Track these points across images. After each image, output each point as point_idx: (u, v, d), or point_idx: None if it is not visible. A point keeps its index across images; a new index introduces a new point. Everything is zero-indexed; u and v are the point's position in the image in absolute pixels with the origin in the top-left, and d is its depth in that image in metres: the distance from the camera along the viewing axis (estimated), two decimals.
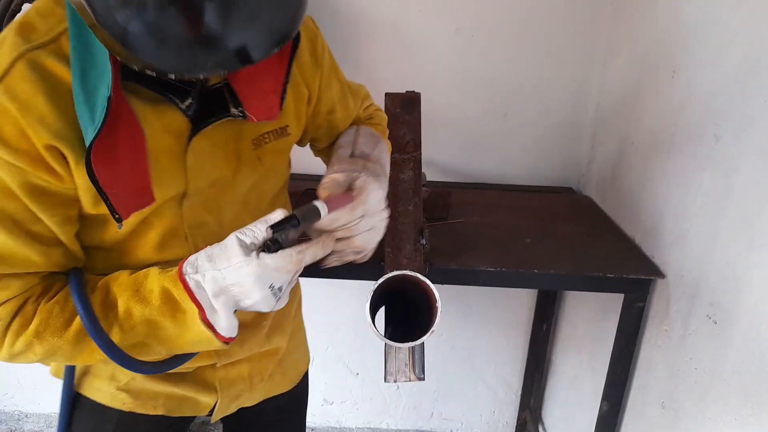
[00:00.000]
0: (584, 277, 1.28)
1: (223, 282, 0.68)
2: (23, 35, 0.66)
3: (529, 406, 2.16)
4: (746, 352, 1.00)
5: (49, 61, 0.66)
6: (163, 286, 0.70)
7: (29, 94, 0.64)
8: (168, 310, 0.70)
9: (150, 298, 0.70)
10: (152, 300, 0.70)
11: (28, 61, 0.65)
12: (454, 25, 1.68)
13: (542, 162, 1.84)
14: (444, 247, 1.32)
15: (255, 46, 0.60)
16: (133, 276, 0.73)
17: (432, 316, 0.82)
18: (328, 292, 1.99)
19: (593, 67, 1.72)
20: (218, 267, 0.68)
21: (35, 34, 0.67)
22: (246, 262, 0.67)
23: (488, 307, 2.04)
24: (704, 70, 1.18)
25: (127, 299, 0.71)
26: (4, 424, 2.21)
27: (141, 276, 0.73)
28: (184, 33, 0.56)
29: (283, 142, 0.87)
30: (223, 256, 0.68)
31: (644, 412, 1.36)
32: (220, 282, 0.68)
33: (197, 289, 0.69)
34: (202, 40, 0.57)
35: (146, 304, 0.71)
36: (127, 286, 0.72)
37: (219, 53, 0.59)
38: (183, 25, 0.56)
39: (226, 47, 0.59)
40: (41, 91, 0.65)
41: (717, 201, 1.10)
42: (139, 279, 0.73)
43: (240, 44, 0.59)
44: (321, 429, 2.25)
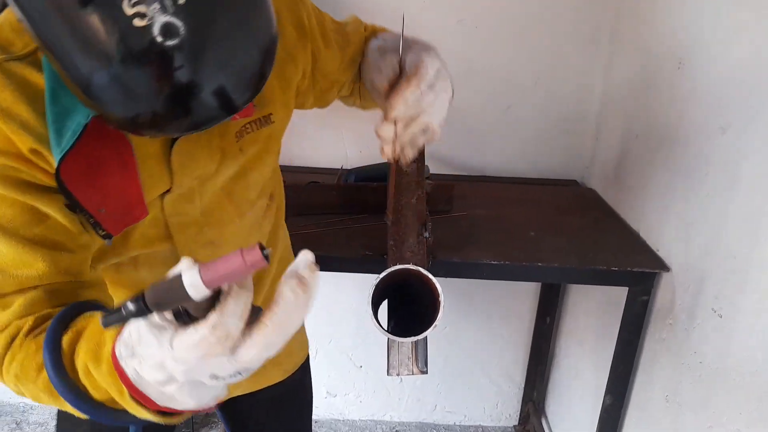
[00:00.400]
0: (588, 270, 1.27)
1: (161, 373, 0.50)
2: (0, 48, 0.65)
3: (532, 399, 2.16)
4: (751, 345, 1.00)
5: (28, 71, 0.65)
6: (110, 350, 0.55)
7: (9, 102, 0.63)
8: (113, 383, 0.55)
9: (101, 359, 0.56)
10: (102, 366, 0.55)
11: (6, 72, 0.64)
12: (456, 17, 1.67)
13: (546, 155, 1.83)
14: (447, 240, 1.32)
15: (235, 93, 0.57)
16: (97, 330, 0.59)
17: (435, 310, 0.82)
18: (331, 285, 1.99)
19: (597, 58, 1.70)
20: (147, 355, 0.50)
21: (13, 47, 0.65)
22: (161, 353, 0.48)
23: (491, 300, 2.04)
24: (710, 62, 1.16)
25: (85, 354, 0.57)
26: (10, 416, 2.22)
27: (107, 336, 0.57)
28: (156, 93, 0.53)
29: (266, 131, 0.86)
30: (144, 338, 0.49)
31: (648, 406, 1.36)
32: (159, 374, 0.50)
33: (139, 380, 0.52)
34: (177, 101, 0.54)
35: (97, 366, 0.56)
36: (91, 335, 0.58)
37: (198, 109, 0.55)
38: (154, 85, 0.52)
39: (204, 103, 0.55)
40: (21, 99, 0.64)
41: (723, 194, 1.10)
42: (102, 331, 0.57)
43: (216, 97, 0.55)
44: (324, 421, 2.26)
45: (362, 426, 2.25)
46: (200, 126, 0.58)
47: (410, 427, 2.26)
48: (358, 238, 1.33)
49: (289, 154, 1.84)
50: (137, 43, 0.50)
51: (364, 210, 1.44)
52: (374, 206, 1.43)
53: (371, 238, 1.32)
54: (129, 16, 0.49)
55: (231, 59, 0.55)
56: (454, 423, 2.27)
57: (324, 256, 1.27)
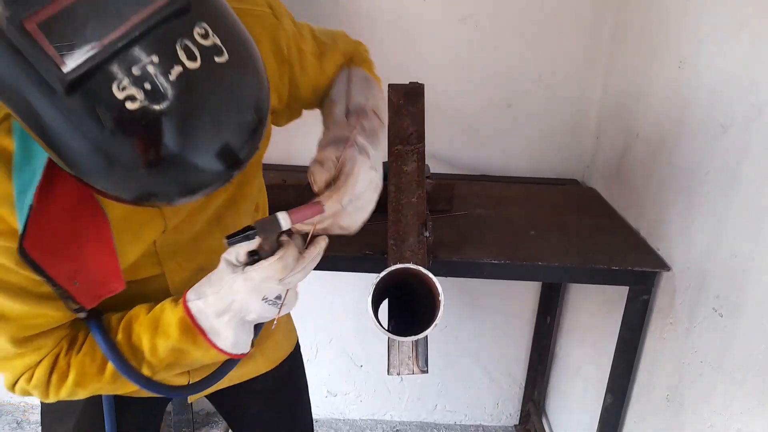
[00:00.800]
0: (589, 269, 1.27)
1: (223, 302, 0.71)
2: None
3: (533, 398, 2.16)
4: (752, 345, 0.99)
5: (6, 141, 0.62)
6: (178, 317, 0.74)
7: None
8: (188, 338, 0.74)
9: (169, 331, 0.74)
10: (172, 332, 0.74)
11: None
12: (458, 15, 1.67)
13: (547, 153, 1.83)
14: (448, 239, 1.32)
15: (236, 152, 0.56)
16: (151, 314, 0.76)
17: (435, 309, 0.81)
18: (331, 284, 1.99)
19: (599, 57, 1.70)
20: (216, 289, 0.71)
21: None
22: (233, 279, 0.69)
23: (492, 299, 2.04)
24: (711, 60, 1.16)
25: (150, 337, 0.75)
26: (10, 416, 2.22)
27: (158, 312, 0.76)
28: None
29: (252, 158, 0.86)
30: (217, 277, 0.71)
31: (649, 405, 1.36)
32: (220, 303, 0.71)
33: (199, 314, 0.73)
34: (180, 167, 0.53)
35: (168, 337, 0.74)
36: (147, 325, 0.75)
37: (203, 175, 0.55)
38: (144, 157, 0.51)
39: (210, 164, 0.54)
40: (4, 176, 0.62)
41: (723, 193, 1.09)
42: (156, 315, 0.76)
43: (220, 160, 0.54)
44: (325, 421, 2.26)
45: (363, 425, 2.25)
46: (206, 190, 0.57)
47: (411, 426, 2.26)
48: (359, 237, 1.31)
49: (289, 153, 1.83)
50: (135, 128, 0.49)
51: None
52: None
53: (371, 237, 1.32)
54: (120, 99, 0.48)
55: (224, 126, 0.54)
56: (455, 422, 2.27)
57: (324, 255, 1.26)
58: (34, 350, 0.73)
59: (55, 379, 0.74)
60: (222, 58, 0.51)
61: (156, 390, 0.79)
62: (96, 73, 0.47)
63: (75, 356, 0.75)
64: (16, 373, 0.74)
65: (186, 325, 0.74)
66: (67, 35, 0.46)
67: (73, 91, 0.47)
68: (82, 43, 0.46)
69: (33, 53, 0.46)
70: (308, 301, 2.07)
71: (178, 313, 0.74)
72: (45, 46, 0.46)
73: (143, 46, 0.48)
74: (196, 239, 0.86)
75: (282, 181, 1.53)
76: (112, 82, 0.47)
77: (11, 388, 0.76)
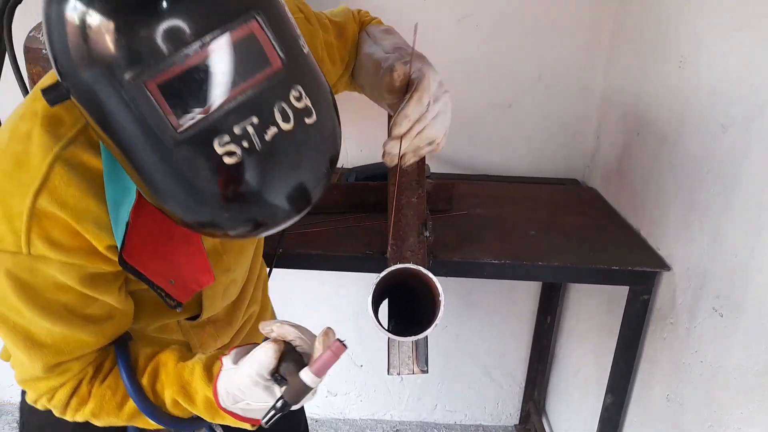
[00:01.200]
0: (589, 269, 1.27)
1: (250, 407, 0.74)
2: (51, 131, 0.63)
3: (533, 398, 2.16)
4: (753, 345, 0.99)
5: (86, 157, 0.65)
6: (206, 396, 0.75)
7: (77, 198, 0.63)
8: (210, 414, 0.77)
9: (195, 399, 0.76)
10: (198, 403, 0.76)
11: (66, 163, 0.63)
12: (457, 16, 1.67)
13: (547, 153, 1.83)
14: (448, 239, 1.32)
15: (311, 192, 0.60)
16: (178, 371, 0.77)
17: (435, 309, 0.81)
18: (331, 283, 1.99)
19: (598, 57, 1.70)
20: (246, 399, 0.72)
21: (63, 127, 0.64)
22: (263, 395, 0.71)
23: (492, 299, 2.04)
24: (711, 60, 1.16)
25: (174, 393, 0.76)
26: (11, 416, 2.22)
27: (186, 372, 0.77)
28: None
29: None
30: (250, 392, 0.72)
31: (649, 405, 1.36)
32: (249, 409, 0.74)
33: (246, 413, 0.75)
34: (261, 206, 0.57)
35: (191, 403, 0.76)
36: (174, 381, 0.77)
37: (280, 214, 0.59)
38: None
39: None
40: (88, 192, 0.64)
41: (724, 192, 1.09)
42: (184, 375, 0.77)
43: (294, 201, 0.59)
44: (325, 421, 2.26)
45: (363, 425, 2.25)
46: (276, 228, 0.61)
47: (411, 426, 2.26)
48: (359, 237, 1.33)
49: None
50: (228, 179, 0.54)
51: (365, 209, 1.44)
52: (375, 205, 1.43)
53: (372, 237, 1.32)
54: (220, 155, 0.52)
55: (304, 176, 0.58)
56: (455, 422, 2.27)
57: (325, 255, 1.27)
58: (59, 374, 0.74)
59: (74, 403, 0.76)
60: (311, 119, 0.56)
61: (182, 427, 0.81)
62: (203, 131, 0.52)
63: (98, 386, 0.77)
64: (39, 392, 0.76)
65: (211, 405, 0.75)
66: (182, 97, 0.51)
67: (180, 145, 0.52)
68: (195, 105, 0.51)
69: (151, 111, 0.51)
70: (308, 301, 2.07)
71: (208, 392, 0.75)
72: (163, 107, 0.50)
73: (246, 108, 0.52)
74: (225, 242, 0.88)
75: None
76: (215, 138, 0.52)
77: (34, 403, 0.78)
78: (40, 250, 0.63)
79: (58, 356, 0.72)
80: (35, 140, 0.63)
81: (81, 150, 0.64)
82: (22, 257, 0.63)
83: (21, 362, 0.73)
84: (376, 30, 1.01)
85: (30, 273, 0.65)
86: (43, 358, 0.71)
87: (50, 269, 0.65)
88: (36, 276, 0.65)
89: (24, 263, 0.64)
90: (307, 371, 0.68)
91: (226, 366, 0.73)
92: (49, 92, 0.54)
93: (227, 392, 0.72)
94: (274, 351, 0.69)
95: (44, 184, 0.62)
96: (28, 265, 0.64)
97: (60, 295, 0.68)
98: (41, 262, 0.64)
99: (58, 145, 0.63)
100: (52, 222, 0.63)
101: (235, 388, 0.71)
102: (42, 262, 0.64)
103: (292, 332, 0.71)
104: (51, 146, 0.63)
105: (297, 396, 0.68)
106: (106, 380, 0.77)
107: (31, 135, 0.64)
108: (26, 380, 0.75)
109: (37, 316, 0.68)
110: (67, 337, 0.71)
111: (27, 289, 0.66)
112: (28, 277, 0.65)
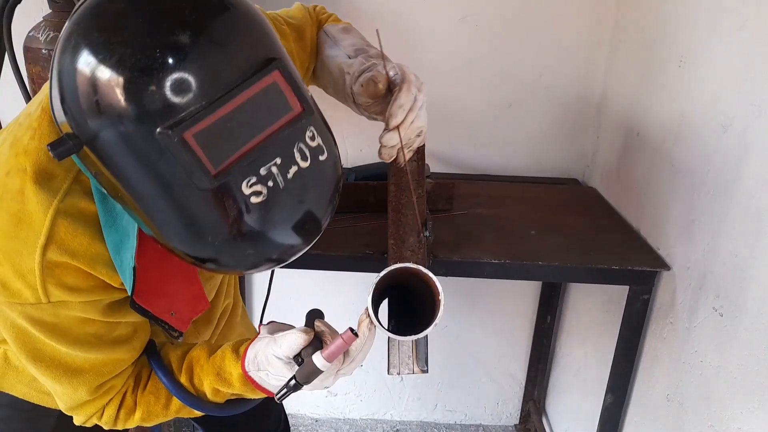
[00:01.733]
0: (589, 269, 1.27)
1: (279, 379, 0.78)
2: (46, 186, 0.64)
3: (533, 397, 2.16)
4: (753, 345, 0.99)
5: (83, 204, 0.66)
6: (239, 373, 0.80)
7: (86, 245, 0.65)
8: (247, 389, 0.81)
9: (231, 380, 0.80)
10: (233, 382, 0.80)
11: (67, 214, 0.65)
12: (458, 15, 1.67)
13: (547, 153, 1.83)
14: (448, 239, 1.32)
15: (321, 220, 0.66)
16: (211, 359, 0.82)
17: (435, 308, 0.81)
18: (331, 284, 1.99)
19: (599, 57, 1.70)
20: (272, 373, 0.77)
21: (56, 180, 0.65)
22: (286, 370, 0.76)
23: (492, 299, 2.04)
24: (712, 60, 1.16)
25: (212, 382, 0.81)
26: None
27: (218, 359, 0.81)
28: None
29: None
30: (274, 365, 0.76)
31: (649, 405, 1.36)
32: (277, 380, 0.78)
33: (260, 381, 0.79)
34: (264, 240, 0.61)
35: (229, 386, 0.81)
36: (209, 370, 0.81)
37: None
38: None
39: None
40: (94, 238, 0.66)
41: (724, 192, 1.09)
42: (216, 362, 0.81)
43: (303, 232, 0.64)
44: (325, 420, 2.26)
45: (363, 425, 2.25)
46: (293, 257, 0.66)
47: (411, 425, 2.26)
48: (359, 236, 1.33)
49: None
50: (252, 217, 0.57)
51: (365, 209, 1.44)
52: (375, 205, 1.43)
53: (372, 237, 1.32)
54: (247, 195, 0.56)
55: (317, 207, 0.63)
56: (455, 422, 2.27)
57: (325, 254, 1.27)
58: (105, 393, 0.78)
59: (123, 415, 0.81)
60: (323, 156, 0.62)
61: (229, 411, 0.86)
62: (235, 174, 0.55)
63: (141, 394, 0.82)
64: (88, 415, 0.79)
65: (245, 380, 0.80)
66: (217, 145, 0.54)
67: (212, 190, 0.55)
68: (229, 152, 0.54)
69: (187, 158, 0.53)
70: (308, 301, 2.07)
71: (239, 369, 0.79)
72: (200, 155, 0.53)
73: (272, 150, 0.56)
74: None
75: None
76: (243, 181, 0.55)
77: (83, 424, 0.81)
78: (59, 296, 0.66)
79: (99, 378, 0.75)
80: (31, 197, 0.64)
81: (77, 199, 0.66)
82: (44, 306, 0.66)
83: (65, 393, 0.76)
84: (334, 30, 1.02)
85: (54, 317, 0.68)
86: (86, 383, 0.75)
87: (72, 311, 0.68)
88: (60, 318, 0.68)
89: (47, 311, 0.67)
90: (318, 355, 0.73)
91: (262, 334, 0.79)
92: (57, 147, 0.55)
93: (255, 357, 0.77)
94: (302, 338, 0.73)
95: (50, 239, 0.64)
96: (51, 312, 0.67)
97: (87, 327, 0.71)
98: (62, 307, 0.67)
99: (57, 199, 0.64)
100: (64, 270, 0.65)
101: (263, 355, 0.76)
102: (63, 306, 0.67)
103: (326, 329, 0.78)
104: (50, 201, 0.64)
105: (307, 377, 0.73)
106: (147, 387, 0.82)
107: (24, 192, 0.64)
108: (74, 407, 0.78)
109: (70, 349, 0.71)
110: (103, 360, 0.75)
111: (55, 330, 0.69)
112: (54, 320, 0.68)
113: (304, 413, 2.27)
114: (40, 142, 0.65)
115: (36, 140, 0.65)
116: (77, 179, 0.66)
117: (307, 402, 2.25)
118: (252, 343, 0.79)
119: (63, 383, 0.74)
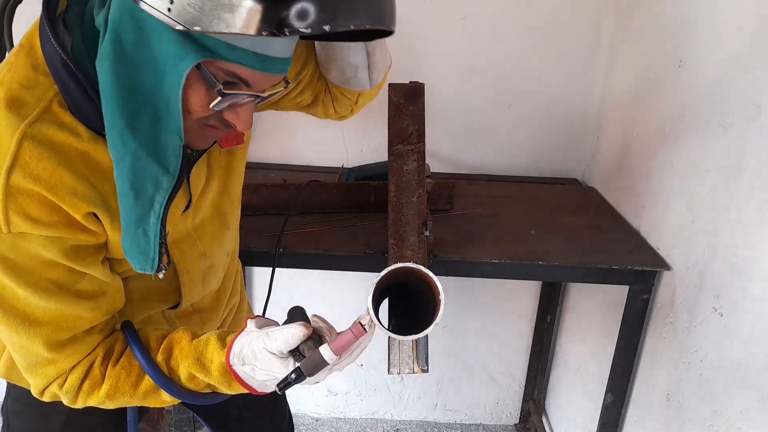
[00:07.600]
0: (589, 268, 1.27)
1: (265, 375, 0.76)
2: (15, 111, 0.64)
3: (533, 397, 2.16)
4: (752, 344, 1.00)
5: (52, 132, 0.66)
6: (221, 362, 0.77)
7: (50, 171, 0.65)
8: (225, 381, 0.78)
9: (210, 368, 0.77)
10: (213, 371, 0.78)
11: (33, 139, 0.64)
12: (458, 15, 1.67)
13: (547, 153, 1.83)
14: (448, 238, 1.32)
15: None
16: (194, 343, 0.79)
17: (435, 308, 0.81)
18: (331, 283, 1.99)
19: (599, 57, 1.70)
20: (260, 367, 0.75)
21: (26, 107, 0.65)
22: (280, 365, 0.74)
23: (492, 298, 2.04)
24: (711, 60, 1.16)
25: (190, 366, 0.78)
26: None
27: (201, 345, 0.79)
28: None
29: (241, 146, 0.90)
30: (263, 359, 0.74)
31: (649, 404, 1.36)
32: (263, 375, 0.76)
33: (245, 376, 0.76)
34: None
35: (207, 373, 0.78)
36: (189, 353, 0.79)
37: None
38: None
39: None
40: (59, 165, 0.65)
41: (724, 192, 1.09)
42: (199, 347, 0.79)
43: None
44: (326, 420, 2.26)
45: (363, 424, 2.26)
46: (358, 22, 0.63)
47: (411, 425, 2.26)
48: (359, 236, 1.33)
49: (290, 153, 1.84)
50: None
51: (365, 208, 1.44)
52: (375, 205, 1.43)
53: (372, 237, 1.33)
54: None
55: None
56: (455, 421, 2.27)
57: (325, 254, 1.27)
58: (67, 356, 0.75)
59: (87, 387, 0.77)
60: None
61: (199, 401, 0.82)
62: None
63: (112, 368, 0.78)
64: (48, 378, 0.76)
65: (225, 372, 0.77)
66: None
67: None
68: None
69: None
70: (308, 301, 2.07)
71: (222, 357, 0.77)
72: None
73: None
74: (196, 227, 0.89)
75: (282, 180, 1.53)
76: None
77: (40, 394, 0.78)
78: (20, 227, 0.65)
79: (57, 333, 0.72)
80: (1, 122, 0.64)
81: (46, 126, 0.65)
82: (3, 236, 0.65)
83: (22, 345, 0.73)
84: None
85: (14, 251, 0.66)
86: (44, 335, 0.72)
87: (33, 245, 0.66)
88: (20, 254, 0.67)
89: (6, 242, 0.65)
90: (326, 347, 0.72)
91: (250, 328, 0.76)
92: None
93: (240, 350, 0.75)
94: (303, 332, 0.72)
95: (15, 161, 0.63)
96: (10, 244, 0.66)
97: (48, 271, 0.69)
98: (23, 239, 0.66)
99: (25, 123, 0.64)
100: (27, 198, 0.64)
101: (249, 349, 0.74)
102: (24, 239, 0.66)
103: (323, 324, 0.76)
104: (17, 124, 0.64)
105: (313, 369, 0.73)
106: (120, 361, 0.78)
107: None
108: (32, 365, 0.75)
109: (29, 294, 0.69)
110: (63, 314, 0.72)
111: (15, 268, 0.67)
112: (14, 256, 0.67)
113: (304, 413, 2.27)
114: (15, 72, 0.66)
115: (12, 72, 0.66)
116: (49, 109, 0.66)
117: (308, 402, 2.25)
118: (239, 336, 0.76)
119: (20, 333, 0.71)
